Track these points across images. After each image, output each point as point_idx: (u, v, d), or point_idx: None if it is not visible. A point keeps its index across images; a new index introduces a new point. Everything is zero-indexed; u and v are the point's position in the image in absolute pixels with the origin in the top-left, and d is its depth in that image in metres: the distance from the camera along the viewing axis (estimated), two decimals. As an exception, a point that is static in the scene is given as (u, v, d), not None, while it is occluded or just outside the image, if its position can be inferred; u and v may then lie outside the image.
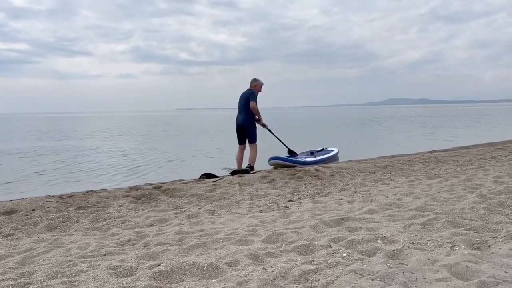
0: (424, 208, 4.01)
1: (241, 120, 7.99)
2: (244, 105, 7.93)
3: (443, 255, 2.67)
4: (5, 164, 11.24)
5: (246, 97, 7.92)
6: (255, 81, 8.11)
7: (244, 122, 7.97)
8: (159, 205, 5.22)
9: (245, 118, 7.95)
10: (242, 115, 7.98)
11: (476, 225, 3.30)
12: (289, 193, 5.67)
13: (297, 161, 8.71)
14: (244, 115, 7.96)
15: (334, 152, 10.76)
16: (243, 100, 7.95)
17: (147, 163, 10.92)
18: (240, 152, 8.19)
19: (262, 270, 2.62)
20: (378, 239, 3.08)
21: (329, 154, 10.32)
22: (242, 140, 8.16)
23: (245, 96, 7.96)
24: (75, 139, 20.68)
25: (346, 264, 2.64)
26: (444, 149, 11.76)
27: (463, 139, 15.52)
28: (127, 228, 4.19)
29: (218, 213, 4.67)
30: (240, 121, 7.99)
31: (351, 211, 4.16)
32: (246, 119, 7.95)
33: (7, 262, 3.10)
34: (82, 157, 12.58)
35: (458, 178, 5.99)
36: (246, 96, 7.94)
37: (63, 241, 3.74)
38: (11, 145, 17.29)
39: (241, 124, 8.00)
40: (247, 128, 7.99)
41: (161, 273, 2.59)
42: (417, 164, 8.08)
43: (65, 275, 2.71)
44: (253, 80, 8.12)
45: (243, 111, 7.96)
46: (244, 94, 8.03)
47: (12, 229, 4.26)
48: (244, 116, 7.96)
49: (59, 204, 5.17)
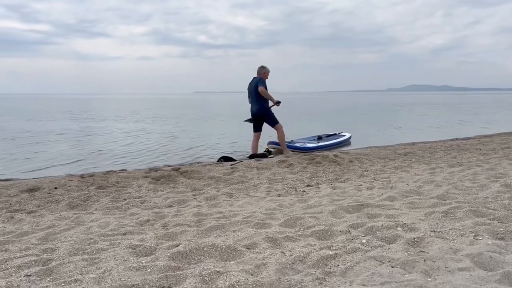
0: (446, 197, 3.93)
1: (256, 109, 7.94)
2: (255, 93, 7.85)
3: (466, 244, 2.62)
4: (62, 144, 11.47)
5: (255, 86, 7.83)
6: (263, 69, 8.03)
7: (260, 111, 7.92)
8: (178, 187, 5.26)
9: (259, 107, 7.90)
10: (255, 104, 7.93)
11: (500, 214, 3.22)
12: (307, 178, 5.64)
13: (295, 146, 8.72)
14: (257, 104, 7.89)
15: (343, 138, 10.55)
16: (254, 89, 7.87)
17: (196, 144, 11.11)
18: (255, 140, 8.18)
19: (281, 253, 2.61)
20: (398, 226, 3.04)
21: (336, 140, 10.15)
22: (258, 128, 8.12)
23: (255, 84, 7.86)
24: (126, 121, 20.68)
25: (366, 250, 2.61)
26: (467, 137, 11.51)
27: (485, 128, 15.18)
28: (146, 208, 4.24)
29: (236, 196, 4.68)
30: (256, 110, 7.95)
31: (370, 198, 4.11)
32: (260, 107, 7.90)
33: (30, 238, 3.17)
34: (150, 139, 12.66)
35: (481, 167, 5.86)
36: (255, 85, 7.85)
37: (84, 219, 3.80)
38: (56, 125, 17.58)
39: (256, 113, 7.95)
40: (264, 115, 7.94)
41: (179, 254, 2.61)
42: (439, 152, 7.93)
43: (86, 253, 2.76)
44: (261, 67, 8.04)
45: (256, 99, 7.90)
46: (253, 83, 7.95)
47: (35, 206, 4.36)
48: (258, 105, 7.89)
49: (80, 183, 5.26)
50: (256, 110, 7.93)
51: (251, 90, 7.97)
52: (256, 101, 7.90)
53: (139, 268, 2.40)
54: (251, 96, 8.00)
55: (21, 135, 13.36)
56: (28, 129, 15.72)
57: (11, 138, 12.66)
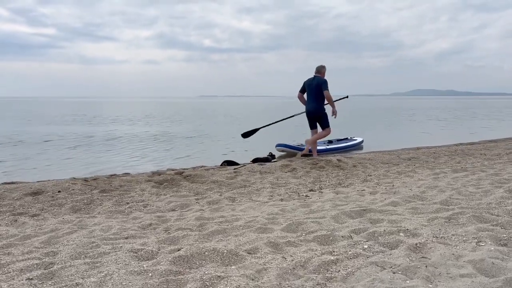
0: (449, 202, 3.91)
1: (314, 108, 7.90)
2: (316, 93, 7.81)
3: (468, 250, 2.60)
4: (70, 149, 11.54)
5: (318, 85, 7.78)
6: (323, 68, 8.01)
7: (317, 111, 7.91)
8: (181, 191, 5.27)
9: (318, 108, 7.89)
10: (314, 104, 7.88)
11: (503, 220, 3.20)
12: (310, 183, 5.63)
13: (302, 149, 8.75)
14: (316, 104, 7.87)
15: (354, 142, 10.59)
16: (315, 88, 7.81)
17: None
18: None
19: (282, 258, 2.61)
20: (400, 232, 3.02)
21: (346, 144, 10.17)
22: (314, 125, 8.13)
23: (317, 84, 7.80)
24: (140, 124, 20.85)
25: (367, 256, 2.60)
26: (471, 142, 11.46)
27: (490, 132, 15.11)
28: (148, 212, 4.25)
29: (238, 200, 4.68)
30: (313, 109, 7.91)
31: (373, 203, 4.09)
32: (319, 108, 7.89)
33: (33, 242, 3.19)
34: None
35: (486, 172, 5.83)
36: (318, 84, 7.79)
37: (86, 223, 3.81)
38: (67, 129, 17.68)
39: (313, 112, 7.93)
40: (321, 117, 7.95)
41: (181, 258, 2.61)
42: (443, 156, 7.90)
43: (88, 256, 2.77)
44: (321, 66, 7.99)
45: (315, 99, 7.85)
46: (314, 81, 7.86)
47: (39, 209, 4.38)
48: (317, 105, 7.88)
49: (84, 187, 5.28)
50: (313, 110, 7.91)
51: (311, 88, 7.88)
52: (315, 101, 7.86)
53: (140, 272, 2.41)
54: (311, 94, 7.91)
55: (94, 140, 13.20)
56: (89, 133, 15.61)
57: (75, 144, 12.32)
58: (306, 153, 8.01)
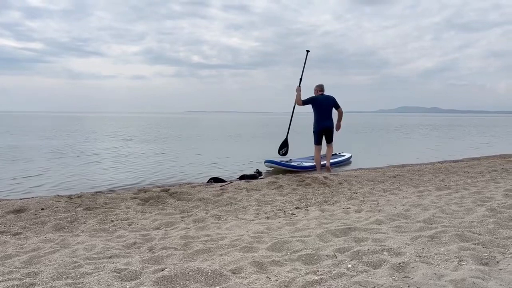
0: (432, 220, 3.96)
1: (330, 124, 8.69)
2: (330, 110, 8.67)
3: (450, 269, 2.63)
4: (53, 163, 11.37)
5: (334, 103, 8.67)
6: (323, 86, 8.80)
7: (332, 126, 8.73)
8: (166, 208, 5.24)
9: (332, 123, 8.73)
10: (329, 119, 8.69)
11: (484, 239, 3.25)
12: (297, 200, 5.65)
13: (291, 165, 8.91)
14: (331, 120, 8.72)
15: (342, 158, 10.72)
16: (330, 106, 8.64)
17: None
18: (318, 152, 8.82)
19: (266, 278, 2.61)
20: (384, 251, 3.05)
21: (335, 160, 10.27)
22: (321, 141, 8.81)
23: (331, 102, 8.65)
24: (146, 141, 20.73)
25: (351, 275, 2.62)
26: (455, 160, 11.63)
27: (474, 150, 15.35)
28: (133, 230, 4.21)
29: (224, 218, 4.67)
30: (330, 125, 8.69)
31: (358, 221, 4.12)
32: (332, 124, 8.74)
33: (14, 262, 3.13)
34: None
35: (468, 190, 5.92)
36: (334, 102, 8.68)
37: (69, 241, 3.76)
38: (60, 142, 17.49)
39: (330, 127, 8.69)
40: (332, 131, 8.78)
41: (165, 278, 2.59)
42: (427, 174, 8.00)
43: (70, 277, 2.73)
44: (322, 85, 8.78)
45: (330, 115, 8.69)
46: (328, 100, 8.65)
47: (21, 228, 4.31)
48: (331, 121, 8.72)
49: (68, 204, 5.22)
50: (330, 125, 8.70)
51: (327, 105, 8.63)
52: (330, 117, 8.72)
53: (123, 293, 2.38)
54: (327, 111, 8.63)
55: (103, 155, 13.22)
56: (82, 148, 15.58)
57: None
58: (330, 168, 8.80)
